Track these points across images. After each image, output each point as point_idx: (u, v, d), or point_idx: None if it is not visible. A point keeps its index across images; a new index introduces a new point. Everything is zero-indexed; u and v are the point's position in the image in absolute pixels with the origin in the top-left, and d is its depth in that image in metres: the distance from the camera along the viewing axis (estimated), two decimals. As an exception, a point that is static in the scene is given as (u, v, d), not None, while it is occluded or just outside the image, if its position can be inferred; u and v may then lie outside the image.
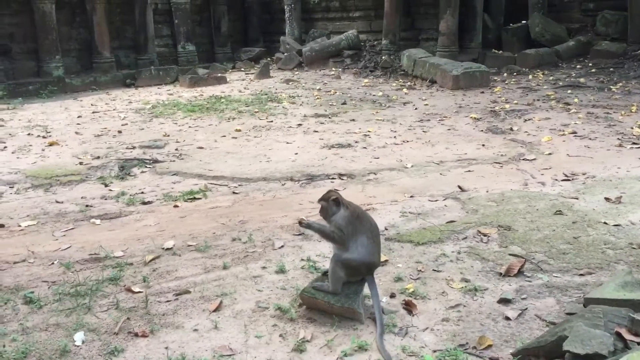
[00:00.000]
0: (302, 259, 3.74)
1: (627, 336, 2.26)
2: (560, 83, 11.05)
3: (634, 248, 3.69)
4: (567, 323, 2.46)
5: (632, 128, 7.22)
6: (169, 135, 7.90)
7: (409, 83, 12.12)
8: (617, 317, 2.41)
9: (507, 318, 2.96)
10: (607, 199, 4.64)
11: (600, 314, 2.45)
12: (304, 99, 10.72)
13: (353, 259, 2.94)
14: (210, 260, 3.79)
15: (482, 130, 7.65)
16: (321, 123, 8.53)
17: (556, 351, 2.31)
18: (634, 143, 6.52)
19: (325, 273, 3.18)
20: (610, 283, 2.94)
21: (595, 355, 2.16)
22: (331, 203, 3.03)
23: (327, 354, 2.69)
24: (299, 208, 4.80)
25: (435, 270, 3.54)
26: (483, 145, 6.88)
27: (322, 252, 3.80)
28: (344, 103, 10.11)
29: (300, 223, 3.06)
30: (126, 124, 8.81)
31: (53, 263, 3.80)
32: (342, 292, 3.00)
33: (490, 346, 2.71)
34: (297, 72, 14.43)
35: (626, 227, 4.05)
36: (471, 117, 8.43)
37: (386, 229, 4.21)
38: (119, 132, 8.25)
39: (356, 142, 7.26)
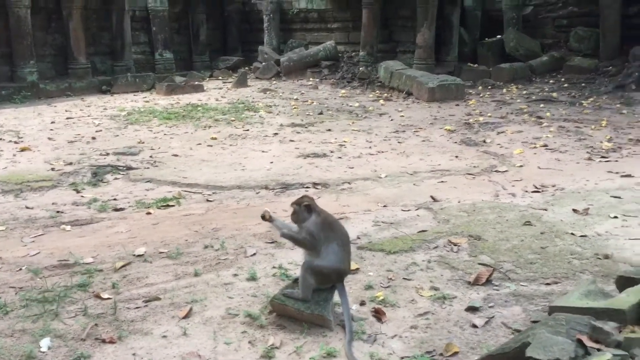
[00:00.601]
0: (274, 267, 3.75)
1: (588, 343, 2.31)
2: (534, 97, 11.24)
3: (599, 258, 3.77)
4: (531, 330, 2.50)
5: (601, 142, 7.38)
6: (143, 143, 7.86)
7: (385, 94, 12.23)
8: (580, 325, 2.46)
9: (474, 326, 3.00)
10: (575, 210, 4.73)
11: (563, 321, 2.50)
12: (281, 108, 10.75)
13: (323, 265, 2.96)
14: (181, 267, 3.77)
15: (456, 142, 7.75)
16: (297, 132, 8.56)
17: (519, 357, 2.35)
18: (602, 157, 6.66)
19: (296, 280, 3.19)
20: (575, 292, 3.00)
21: (557, 361, 2.21)
22: (303, 208, 3.05)
23: (296, 360, 2.70)
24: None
25: (405, 279, 3.58)
26: (456, 156, 6.97)
27: (294, 259, 3.81)
28: (321, 113, 10.16)
29: (267, 217, 3.07)
30: (100, 131, 8.74)
31: (21, 269, 3.75)
32: (312, 299, 3.01)
33: (456, 353, 2.75)
34: (274, 82, 14.47)
35: (592, 238, 4.14)
36: (446, 129, 8.53)
37: (359, 238, 4.24)
38: (93, 138, 8.17)
39: (332, 151, 7.30)
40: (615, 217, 4.54)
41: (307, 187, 5.76)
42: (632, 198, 4.99)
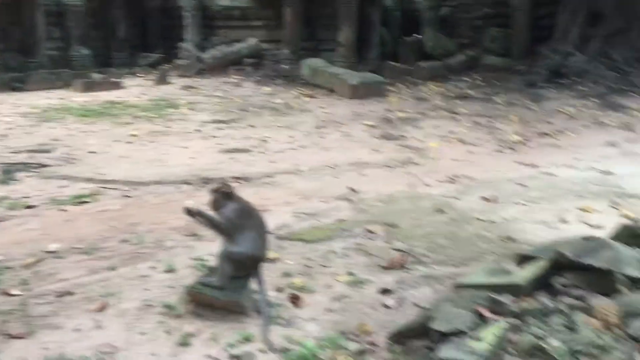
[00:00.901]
0: (193, 259, 3.75)
1: (486, 314, 2.48)
2: (450, 94, 11.66)
3: (503, 241, 4.01)
4: (436, 306, 2.65)
5: (511, 135, 7.78)
6: (59, 140, 7.58)
7: (308, 92, 12.32)
8: (480, 299, 2.63)
9: (387, 306, 3.13)
10: (483, 198, 4.99)
11: (465, 296, 2.67)
12: (203, 105, 10.63)
13: (240, 252, 3.00)
14: (96, 262, 3.70)
15: (375, 137, 7.95)
16: (220, 129, 8.51)
17: (425, 330, 2.48)
18: (510, 149, 7.04)
19: (213, 268, 3.21)
20: (479, 271, 3.19)
21: (457, 331, 2.35)
22: (221, 195, 3.08)
23: (212, 346, 2.73)
24: (192, 210, 4.79)
25: (322, 266, 3.67)
26: (376, 150, 7.15)
27: (214, 251, 3.80)
28: (244, 110, 10.13)
29: (189, 211, 3.08)
30: (12, 128, 8.35)
31: None
32: (229, 287, 3.04)
33: (369, 332, 2.85)
34: (197, 79, 14.24)
35: (498, 222, 4.39)
36: (366, 125, 8.72)
37: (279, 229, 4.30)
38: (4, 136, 7.81)
39: (254, 147, 7.31)
40: (520, 203, 4.83)
41: (228, 182, 5.76)
42: (536, 186, 5.32)
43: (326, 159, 6.69)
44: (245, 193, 5.20)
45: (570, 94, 10.94)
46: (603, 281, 2.56)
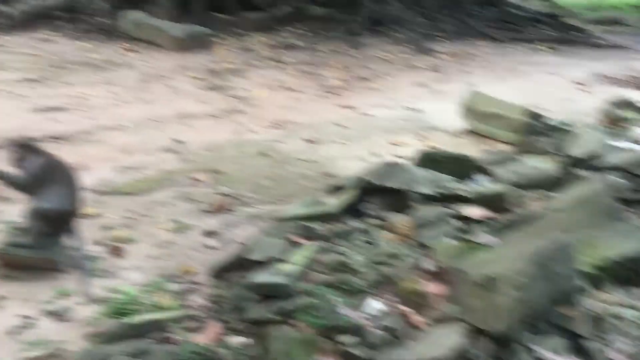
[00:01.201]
0: (2, 222, 3.49)
1: (298, 240, 2.65)
2: (276, 44, 11.78)
3: (323, 177, 4.26)
4: (253, 239, 2.78)
5: (333, 81, 8.12)
6: None
7: (130, 46, 11.69)
8: (294, 228, 2.80)
9: (211, 247, 3.21)
10: (306, 140, 5.21)
11: (280, 228, 2.83)
12: (10, 64, 9.63)
13: (49, 208, 2.87)
14: None
15: (201, 89, 7.84)
16: (32, 88, 7.81)
17: (242, 261, 2.60)
18: (332, 93, 7.38)
19: (24, 229, 3.04)
20: (297, 204, 3.37)
21: (271, 258, 2.50)
22: (24, 149, 2.91)
23: (26, 306, 2.62)
24: None
25: (145, 216, 3.64)
26: (202, 102, 7.06)
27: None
28: (59, 67, 9.39)
29: None
30: None
31: None
32: (42, 245, 2.91)
33: (193, 273, 2.92)
34: (1, 36, 12.89)
35: (319, 161, 4.65)
36: (192, 77, 8.56)
37: (99, 185, 4.15)
38: None
39: (71, 105, 6.84)
40: (339, 142, 5.13)
41: (42, 142, 5.38)
42: (354, 126, 5.67)
43: (150, 113, 6.49)
44: (63, 152, 4.93)
45: (387, 41, 11.62)
46: (399, 200, 2.86)
